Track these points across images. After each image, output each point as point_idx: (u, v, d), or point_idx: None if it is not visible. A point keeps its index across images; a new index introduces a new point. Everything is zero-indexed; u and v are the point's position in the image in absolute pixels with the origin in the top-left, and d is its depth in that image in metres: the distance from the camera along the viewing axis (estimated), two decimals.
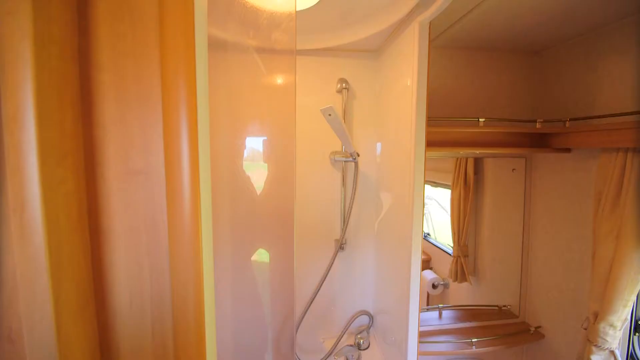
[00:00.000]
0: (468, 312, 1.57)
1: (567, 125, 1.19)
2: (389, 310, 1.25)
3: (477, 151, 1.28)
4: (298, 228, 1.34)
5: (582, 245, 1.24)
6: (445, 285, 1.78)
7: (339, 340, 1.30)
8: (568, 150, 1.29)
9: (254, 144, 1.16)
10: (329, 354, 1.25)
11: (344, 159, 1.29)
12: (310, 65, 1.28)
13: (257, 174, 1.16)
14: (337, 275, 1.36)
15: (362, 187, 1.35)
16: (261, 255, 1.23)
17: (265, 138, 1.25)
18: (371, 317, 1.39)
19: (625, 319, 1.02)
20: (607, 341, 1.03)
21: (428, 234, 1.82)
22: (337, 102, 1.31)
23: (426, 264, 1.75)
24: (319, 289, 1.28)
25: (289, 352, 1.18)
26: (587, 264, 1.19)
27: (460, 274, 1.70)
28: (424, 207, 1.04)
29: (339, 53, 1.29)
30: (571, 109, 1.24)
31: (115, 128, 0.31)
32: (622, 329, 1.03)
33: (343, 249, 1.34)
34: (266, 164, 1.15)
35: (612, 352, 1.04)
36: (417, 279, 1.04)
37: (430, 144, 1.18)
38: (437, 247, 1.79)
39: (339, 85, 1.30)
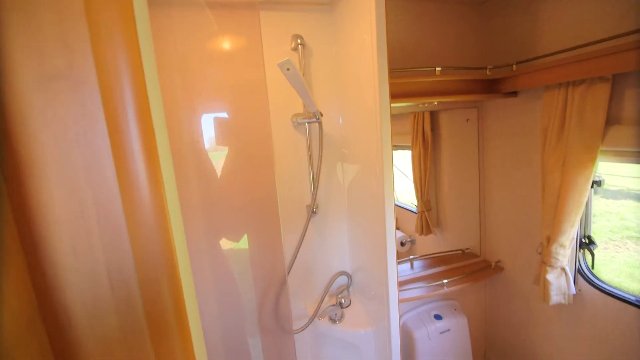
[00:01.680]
0: (436, 259, 1.67)
1: (514, 68, 1.25)
2: (366, 268, 1.28)
3: (436, 101, 1.30)
4: None
5: (532, 182, 1.36)
6: (412, 242, 1.86)
7: (321, 303, 1.31)
8: (515, 94, 1.37)
9: (215, 121, 1.08)
10: (313, 317, 1.25)
11: (307, 120, 1.23)
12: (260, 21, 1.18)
13: (226, 153, 1.09)
14: (313, 241, 1.34)
15: (329, 149, 1.32)
16: (237, 236, 1.18)
17: (225, 114, 1.15)
18: (349, 277, 1.41)
19: (573, 238, 1.14)
20: (558, 260, 1.16)
21: None
22: (293, 61, 1.23)
23: None
24: (295, 257, 1.25)
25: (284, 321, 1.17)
26: (537, 198, 1.30)
27: (426, 227, 1.79)
28: (392, 157, 1.03)
29: (290, 6, 1.20)
30: (517, 53, 1.31)
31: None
32: (570, 248, 1.16)
33: (315, 213, 1.32)
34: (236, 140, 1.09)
35: (563, 269, 1.17)
36: (393, 231, 1.05)
37: (391, 96, 1.17)
38: (402, 207, 1.86)
39: (293, 43, 1.22)
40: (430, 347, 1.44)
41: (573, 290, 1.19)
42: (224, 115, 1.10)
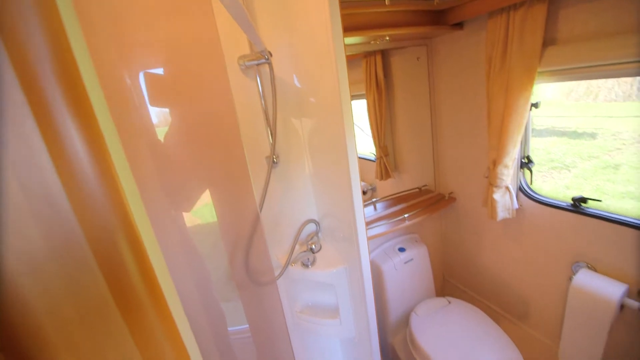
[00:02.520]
0: (396, 199, 1.75)
1: None
2: (334, 213, 1.29)
3: (387, 35, 1.26)
4: None
5: (478, 113, 1.43)
6: (373, 189, 1.92)
7: (292, 252, 1.31)
8: (461, 26, 1.38)
9: (155, 76, 0.99)
10: (286, 265, 1.26)
11: (255, 62, 1.12)
12: None
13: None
14: (276, 192, 1.31)
15: (283, 95, 1.24)
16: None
17: (161, 70, 1.04)
18: (317, 224, 1.42)
19: (514, 159, 1.26)
20: (503, 180, 1.27)
21: None
22: None
23: None
24: (261, 210, 1.22)
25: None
26: (483, 128, 1.39)
27: (385, 172, 1.84)
28: (350, 99, 1.00)
29: None
30: None
31: None
32: (513, 167, 1.27)
33: (276, 163, 1.27)
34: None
35: (507, 188, 1.30)
36: (357, 172, 1.05)
37: (343, 29, 1.11)
38: (361, 158, 1.89)
39: None
40: (397, 277, 1.57)
41: (516, 205, 1.34)
42: (160, 71, 1.00)
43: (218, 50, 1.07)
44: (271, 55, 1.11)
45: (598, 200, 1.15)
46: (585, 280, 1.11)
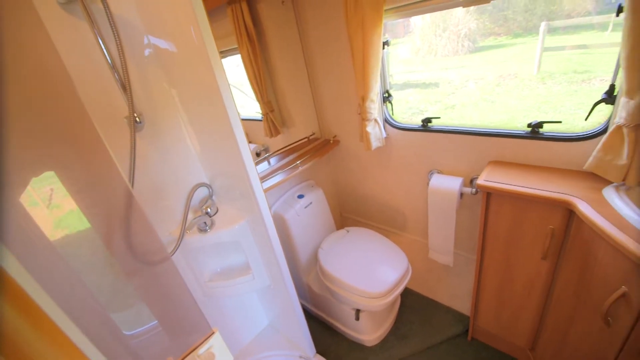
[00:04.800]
0: (288, 151, 1.79)
1: None
2: (226, 172, 1.22)
3: None
4: None
5: (346, 54, 1.54)
6: (266, 149, 1.89)
7: (185, 221, 1.20)
8: None
9: None
10: (180, 237, 1.15)
11: None
12: None
13: None
14: (150, 158, 1.14)
15: (133, 40, 1.02)
16: None
17: None
18: (209, 187, 1.33)
19: (378, 93, 1.43)
20: (372, 113, 1.45)
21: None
22: None
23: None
24: (132, 181, 1.04)
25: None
26: (351, 68, 1.51)
27: (273, 129, 1.83)
28: (215, 43, 0.91)
29: None
30: None
31: None
32: (377, 102, 1.45)
33: (140, 123, 1.08)
34: None
35: (376, 120, 1.49)
36: (240, 126, 1.00)
37: None
38: (247, 119, 1.81)
39: None
40: (300, 222, 1.65)
41: (384, 134, 1.56)
42: None
43: None
44: None
45: (437, 118, 1.44)
46: (436, 182, 1.42)
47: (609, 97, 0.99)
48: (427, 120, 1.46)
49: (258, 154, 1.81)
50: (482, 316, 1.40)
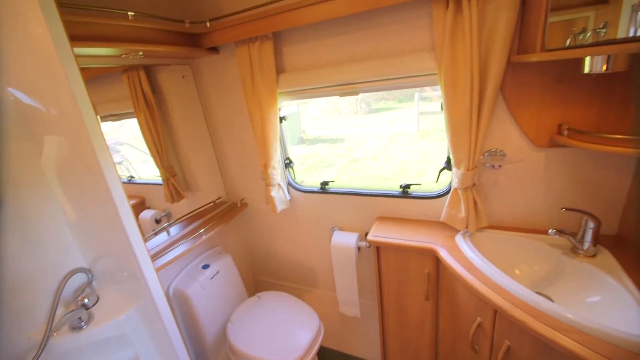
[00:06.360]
0: (191, 218, 1.70)
1: (208, 25, 1.39)
2: (110, 252, 1.08)
3: (140, 51, 1.20)
4: None
5: (248, 125, 1.65)
6: (168, 215, 1.77)
7: (53, 319, 0.98)
8: (217, 50, 1.54)
9: None
10: (44, 341, 0.92)
11: None
12: None
13: None
14: (8, 245, 0.93)
15: None
16: None
17: None
18: (88, 271, 1.14)
19: (279, 160, 1.56)
20: (274, 179, 1.55)
21: (132, 177, 1.64)
22: None
23: (142, 206, 1.61)
24: None
25: None
26: (253, 136, 1.62)
27: (176, 194, 1.74)
28: (96, 117, 0.88)
29: None
30: (212, 10, 1.45)
31: None
32: (279, 168, 1.57)
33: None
34: None
35: (279, 185, 1.59)
36: (126, 205, 0.94)
37: (75, 37, 0.96)
38: (147, 184, 1.69)
39: None
40: (205, 296, 1.53)
41: (288, 197, 1.66)
42: None
43: None
44: None
45: (332, 182, 1.64)
46: (336, 238, 1.55)
47: (448, 165, 1.33)
48: (325, 183, 1.64)
49: (158, 221, 1.66)
50: (391, 359, 1.50)
